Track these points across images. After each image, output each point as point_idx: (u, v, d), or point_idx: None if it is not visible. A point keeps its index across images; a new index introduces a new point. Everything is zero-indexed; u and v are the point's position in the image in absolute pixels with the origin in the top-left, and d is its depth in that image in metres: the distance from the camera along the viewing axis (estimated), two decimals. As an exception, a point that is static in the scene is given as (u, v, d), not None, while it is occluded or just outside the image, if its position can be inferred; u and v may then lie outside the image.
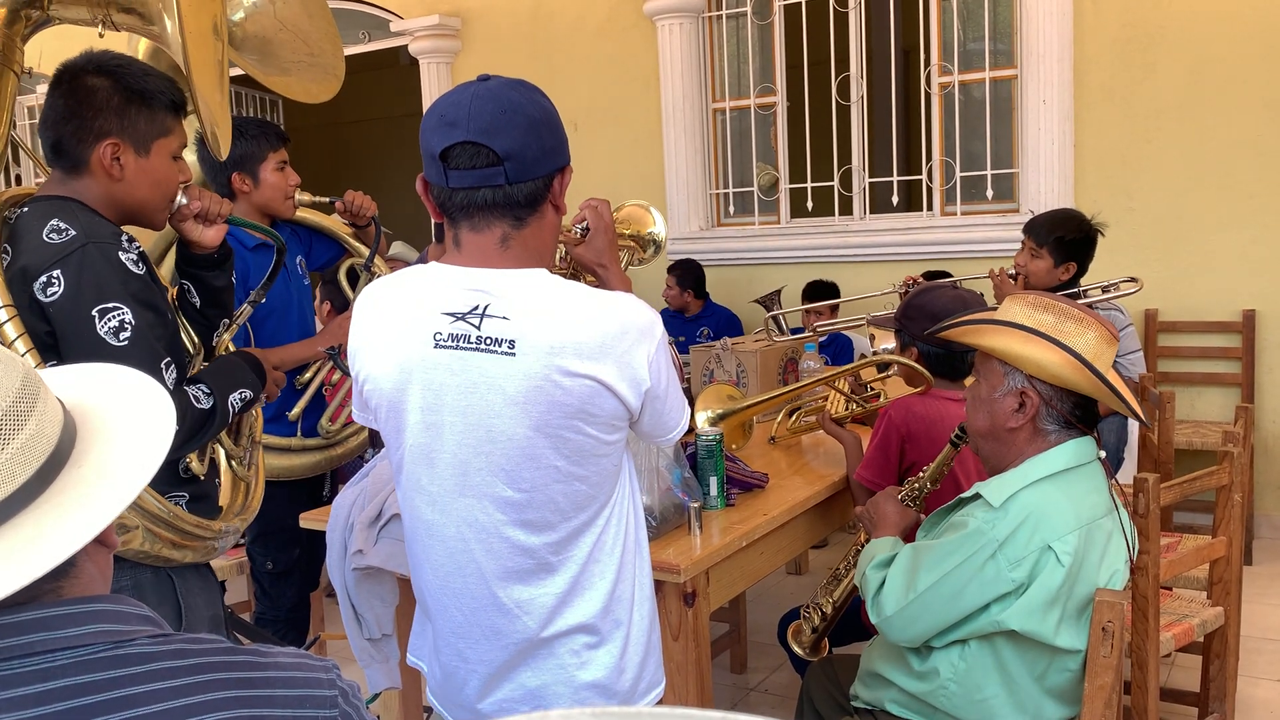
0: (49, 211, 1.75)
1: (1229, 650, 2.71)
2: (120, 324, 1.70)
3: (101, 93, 1.79)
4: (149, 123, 1.84)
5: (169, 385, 1.77)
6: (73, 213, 1.76)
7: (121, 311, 1.71)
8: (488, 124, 1.40)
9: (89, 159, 1.81)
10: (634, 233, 2.21)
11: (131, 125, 1.82)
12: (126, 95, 1.81)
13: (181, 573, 1.92)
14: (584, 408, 1.44)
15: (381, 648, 2.38)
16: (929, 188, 5.25)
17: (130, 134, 1.82)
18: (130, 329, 1.71)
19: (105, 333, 1.69)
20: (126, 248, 1.76)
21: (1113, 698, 1.70)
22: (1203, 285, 4.65)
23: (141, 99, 1.82)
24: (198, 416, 1.82)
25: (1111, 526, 1.83)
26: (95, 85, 1.79)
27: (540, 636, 1.54)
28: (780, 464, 2.73)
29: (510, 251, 1.48)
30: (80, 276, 1.69)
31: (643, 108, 5.86)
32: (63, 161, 1.83)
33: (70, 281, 1.69)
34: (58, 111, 1.80)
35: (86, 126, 1.79)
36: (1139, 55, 4.66)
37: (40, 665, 0.91)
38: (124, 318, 1.71)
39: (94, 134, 1.80)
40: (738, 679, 3.56)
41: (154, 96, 1.84)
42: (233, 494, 2.11)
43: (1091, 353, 1.78)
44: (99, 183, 1.82)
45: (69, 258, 1.70)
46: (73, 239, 1.71)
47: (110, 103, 1.80)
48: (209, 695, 0.94)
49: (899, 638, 1.88)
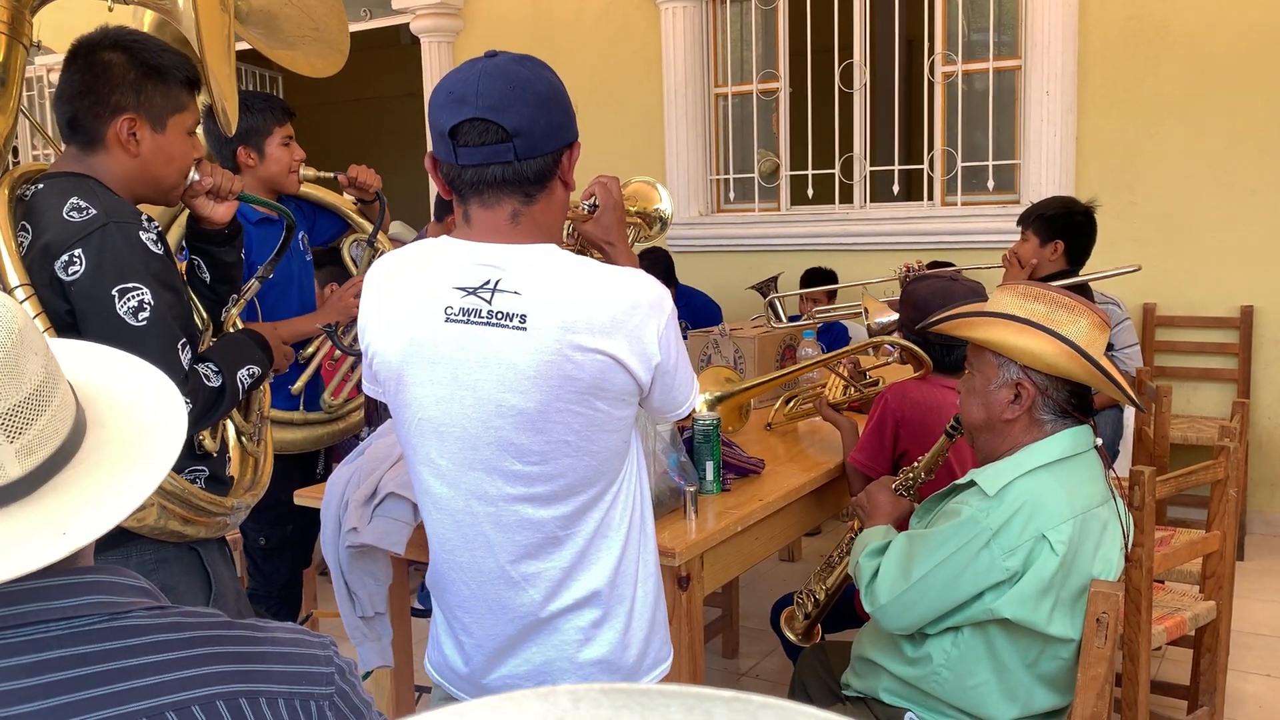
0: (67, 189, 1.75)
1: (1220, 644, 2.72)
2: (140, 304, 1.71)
3: (118, 68, 1.78)
4: (165, 98, 1.83)
5: (185, 365, 1.78)
6: (92, 191, 1.75)
7: (141, 292, 1.71)
8: (496, 100, 1.40)
9: (106, 134, 1.80)
10: (640, 209, 2.20)
11: (148, 101, 1.81)
12: (143, 71, 1.80)
13: (205, 545, 1.93)
14: (595, 383, 1.44)
15: (374, 626, 2.38)
16: (930, 177, 5.24)
17: (147, 109, 1.81)
18: (149, 309, 1.71)
19: (125, 312, 1.69)
20: (146, 227, 1.76)
21: (1105, 689, 1.70)
22: (1201, 280, 4.65)
23: (158, 74, 1.82)
24: (209, 395, 1.82)
25: (1107, 515, 1.83)
26: (112, 60, 1.79)
27: (545, 611, 1.54)
28: (776, 450, 2.73)
29: (520, 228, 1.48)
30: (101, 255, 1.69)
31: (645, 91, 5.84)
32: (79, 137, 1.82)
33: (91, 260, 1.69)
34: (74, 87, 1.79)
35: (103, 102, 1.78)
36: (1143, 49, 4.65)
37: (36, 635, 0.90)
38: (143, 298, 1.71)
39: (111, 109, 1.79)
40: (729, 664, 3.57)
41: (170, 72, 1.83)
42: (242, 469, 2.12)
43: (1085, 340, 1.78)
44: (115, 159, 1.81)
45: (90, 236, 1.70)
46: (94, 218, 1.71)
47: (127, 78, 1.79)
48: (206, 669, 0.93)
49: (893, 625, 1.88)
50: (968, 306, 1.98)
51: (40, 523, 0.89)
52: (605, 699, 0.42)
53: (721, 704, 0.40)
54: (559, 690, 0.41)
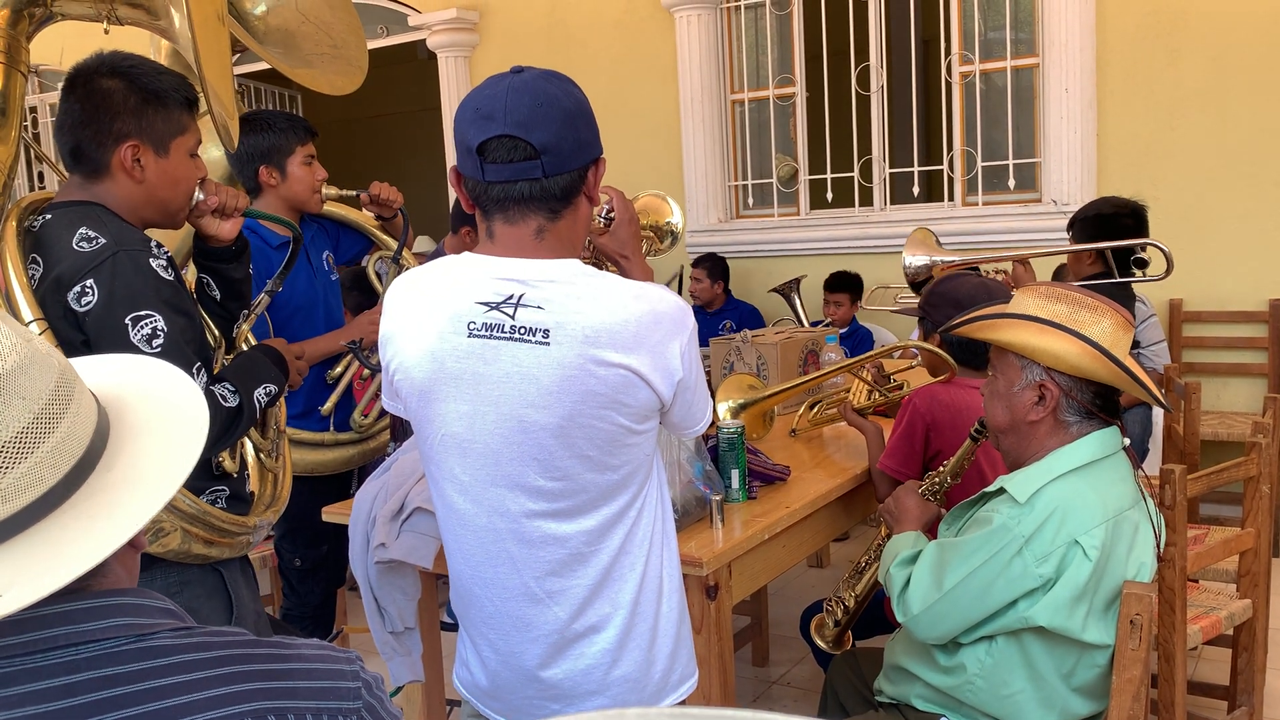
0: (75, 219, 1.76)
1: (1257, 643, 2.69)
2: (153, 331, 1.72)
3: (117, 95, 1.79)
4: (166, 122, 1.84)
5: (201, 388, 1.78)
6: (99, 219, 1.76)
7: (154, 319, 1.72)
8: (525, 117, 1.40)
9: (110, 162, 1.80)
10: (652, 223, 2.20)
11: (150, 126, 1.82)
12: (143, 96, 1.80)
13: (228, 567, 1.94)
14: (617, 398, 1.44)
15: (404, 641, 2.38)
16: (950, 178, 5.22)
17: (149, 135, 1.82)
18: (163, 335, 1.72)
19: (139, 340, 1.70)
20: (156, 254, 1.77)
21: (1141, 691, 1.68)
22: (1228, 275, 4.60)
23: (157, 99, 1.82)
24: (226, 416, 1.83)
25: (1138, 518, 1.81)
26: (110, 88, 1.79)
27: (571, 629, 1.54)
28: (802, 456, 2.71)
29: (545, 243, 1.47)
30: (113, 285, 1.70)
31: (661, 100, 5.84)
32: (83, 166, 1.82)
33: (103, 290, 1.70)
34: (74, 116, 1.80)
35: (105, 130, 1.79)
36: (1162, 42, 4.61)
37: (66, 658, 0.91)
38: (156, 325, 1.72)
39: (113, 137, 1.79)
40: (759, 672, 3.55)
41: (169, 95, 1.83)
42: (261, 487, 2.12)
43: (1108, 340, 1.76)
44: (120, 186, 1.82)
45: (101, 266, 1.71)
46: (103, 247, 1.72)
47: (127, 104, 1.79)
48: (234, 687, 0.94)
49: (926, 635, 1.87)
50: (990, 308, 1.96)
51: None
52: None
53: None
54: (628, 714, 0.41)
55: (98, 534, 0.91)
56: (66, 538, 0.91)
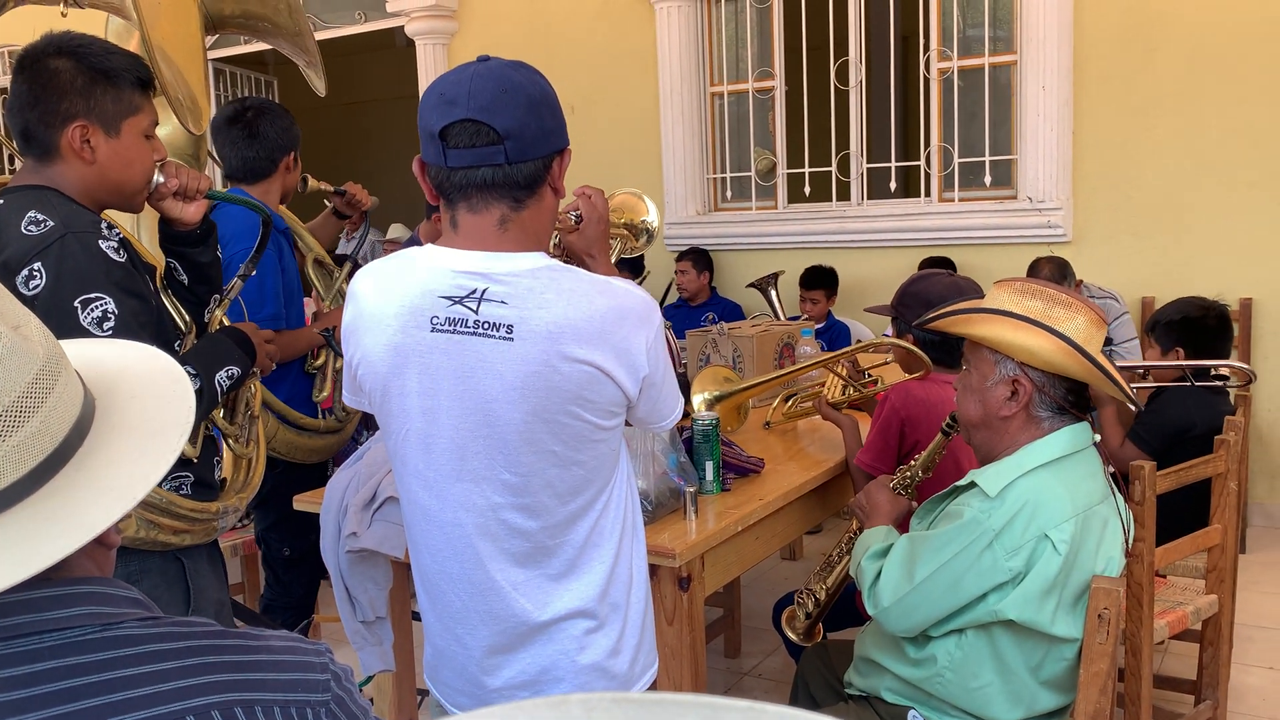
0: (25, 203, 1.72)
1: (1223, 638, 2.72)
2: (104, 314, 1.68)
3: (65, 75, 1.74)
4: (116, 102, 1.79)
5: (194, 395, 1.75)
6: (50, 202, 1.72)
7: (104, 301, 1.68)
8: (488, 102, 1.38)
9: (59, 144, 1.76)
10: (627, 221, 2.20)
11: (98, 106, 1.77)
12: (91, 75, 1.76)
13: (192, 555, 1.90)
14: (581, 393, 1.43)
15: (375, 630, 2.37)
16: (927, 174, 5.24)
17: (98, 115, 1.77)
18: (114, 318, 1.68)
19: (89, 323, 1.66)
20: (107, 235, 1.73)
21: (1108, 684, 1.70)
22: (1200, 273, 4.65)
23: (106, 78, 1.77)
24: None
25: (1108, 513, 1.83)
26: (58, 68, 1.74)
27: (538, 620, 1.53)
28: (776, 449, 2.72)
29: (508, 234, 1.46)
30: (61, 268, 1.66)
31: (640, 91, 5.83)
32: (33, 149, 1.78)
33: (51, 273, 1.66)
34: (22, 98, 1.75)
35: (52, 111, 1.74)
36: (1139, 42, 4.64)
37: (29, 646, 0.90)
38: (107, 307, 1.68)
39: (61, 118, 1.75)
40: (731, 664, 3.57)
41: (119, 75, 1.79)
42: (234, 472, 2.10)
43: (1082, 337, 1.77)
44: (72, 168, 1.78)
45: (49, 249, 1.67)
46: (51, 229, 1.68)
47: (74, 84, 1.75)
48: (201, 678, 0.93)
49: (896, 628, 1.88)
50: (966, 303, 1.97)
51: None
52: (618, 708, 0.41)
53: (736, 714, 0.40)
54: (571, 699, 0.40)
55: (55, 535, 0.90)
56: (21, 536, 0.89)
